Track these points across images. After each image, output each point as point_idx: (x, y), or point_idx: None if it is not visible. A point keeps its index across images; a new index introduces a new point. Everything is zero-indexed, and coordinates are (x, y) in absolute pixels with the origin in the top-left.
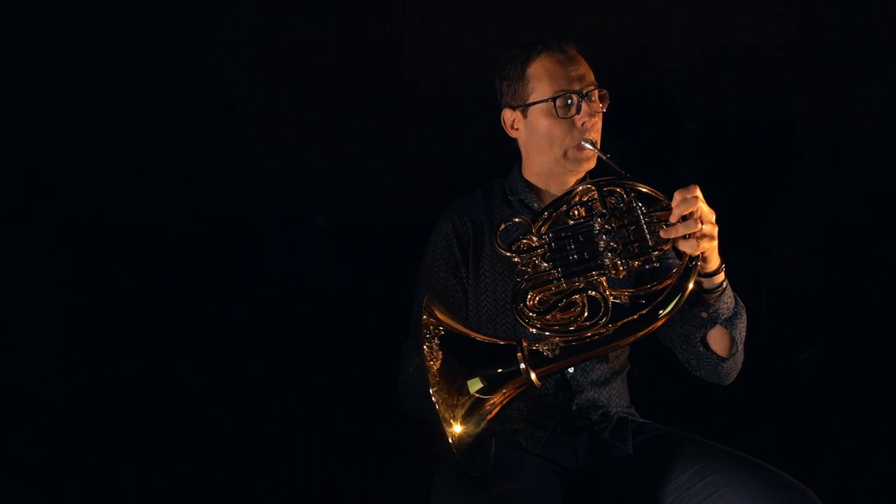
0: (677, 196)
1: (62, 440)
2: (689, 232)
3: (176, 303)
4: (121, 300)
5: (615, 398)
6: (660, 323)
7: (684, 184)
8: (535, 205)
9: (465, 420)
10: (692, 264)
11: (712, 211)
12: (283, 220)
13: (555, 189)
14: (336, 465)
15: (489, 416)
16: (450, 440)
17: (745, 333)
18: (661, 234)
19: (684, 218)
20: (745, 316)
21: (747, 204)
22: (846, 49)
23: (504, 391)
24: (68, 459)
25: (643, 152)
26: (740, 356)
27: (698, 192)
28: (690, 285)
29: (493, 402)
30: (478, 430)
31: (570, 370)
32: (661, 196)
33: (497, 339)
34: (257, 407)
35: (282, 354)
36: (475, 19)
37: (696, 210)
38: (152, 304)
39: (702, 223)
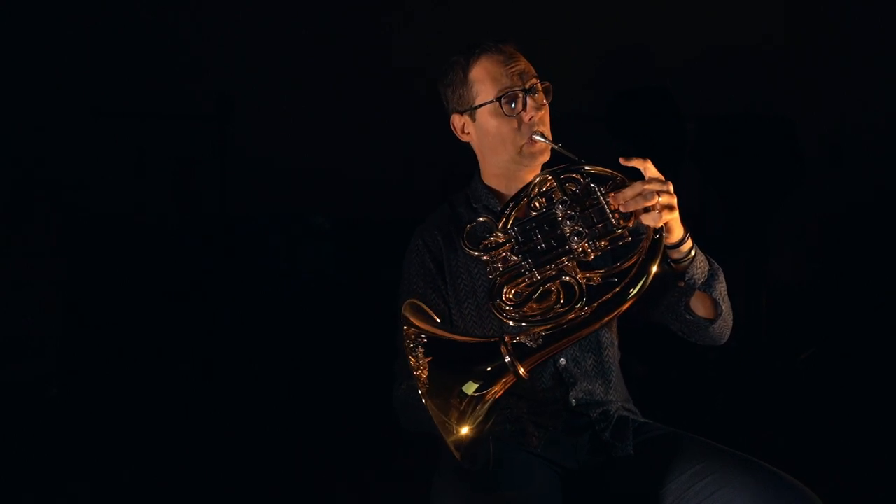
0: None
1: (62, 440)
2: (648, 204)
3: (176, 303)
4: (121, 300)
5: (612, 392)
6: (634, 299)
7: (675, 179)
8: (500, 209)
9: (462, 422)
10: (657, 236)
11: (669, 182)
12: (283, 220)
13: (515, 190)
14: (336, 465)
15: (485, 413)
16: (451, 445)
17: (725, 292)
18: (621, 208)
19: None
20: (721, 275)
21: (747, 204)
22: (846, 49)
23: (496, 387)
24: (68, 459)
25: (643, 152)
26: (728, 314)
27: (650, 165)
28: (658, 258)
29: (488, 399)
30: (476, 428)
31: (563, 361)
32: (616, 174)
33: (479, 337)
34: (257, 407)
35: (282, 354)
36: (475, 19)
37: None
38: (152, 303)
39: (658, 195)
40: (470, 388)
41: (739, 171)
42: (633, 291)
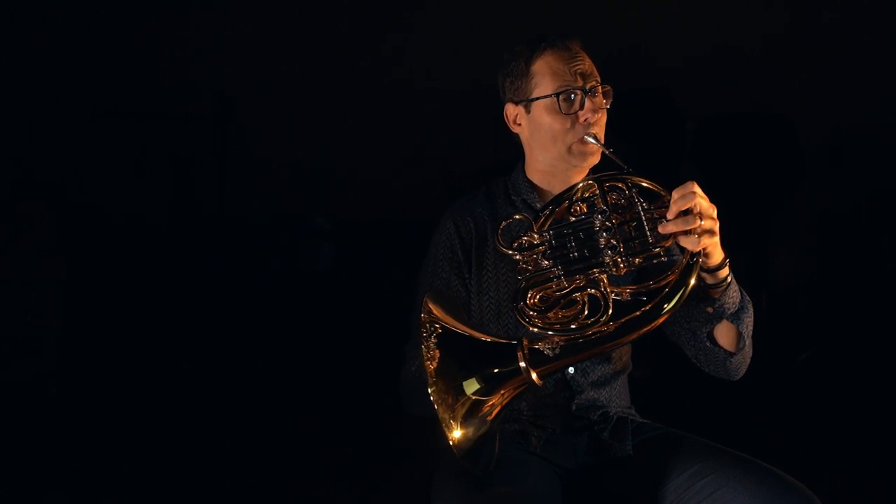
0: (675, 192)
1: (62, 439)
2: (688, 228)
3: (176, 302)
4: (120, 300)
5: (615, 399)
6: (661, 320)
7: (683, 182)
8: (538, 205)
9: (464, 420)
10: (693, 260)
11: (713, 206)
12: (283, 220)
13: (558, 188)
14: (337, 465)
15: (490, 417)
16: (450, 442)
17: (752, 327)
18: (660, 229)
19: (684, 213)
20: (751, 310)
21: (747, 204)
22: (846, 49)
23: (503, 391)
24: (68, 458)
25: (643, 152)
26: (749, 350)
27: (697, 188)
28: (692, 281)
29: (493, 403)
30: (479, 430)
31: (571, 370)
32: (663, 191)
33: (498, 337)
34: (257, 407)
35: (281, 354)
36: (476, 20)
37: (695, 206)
38: (152, 303)
39: (701, 219)
40: (471, 386)
41: (739, 171)
42: (663, 311)
